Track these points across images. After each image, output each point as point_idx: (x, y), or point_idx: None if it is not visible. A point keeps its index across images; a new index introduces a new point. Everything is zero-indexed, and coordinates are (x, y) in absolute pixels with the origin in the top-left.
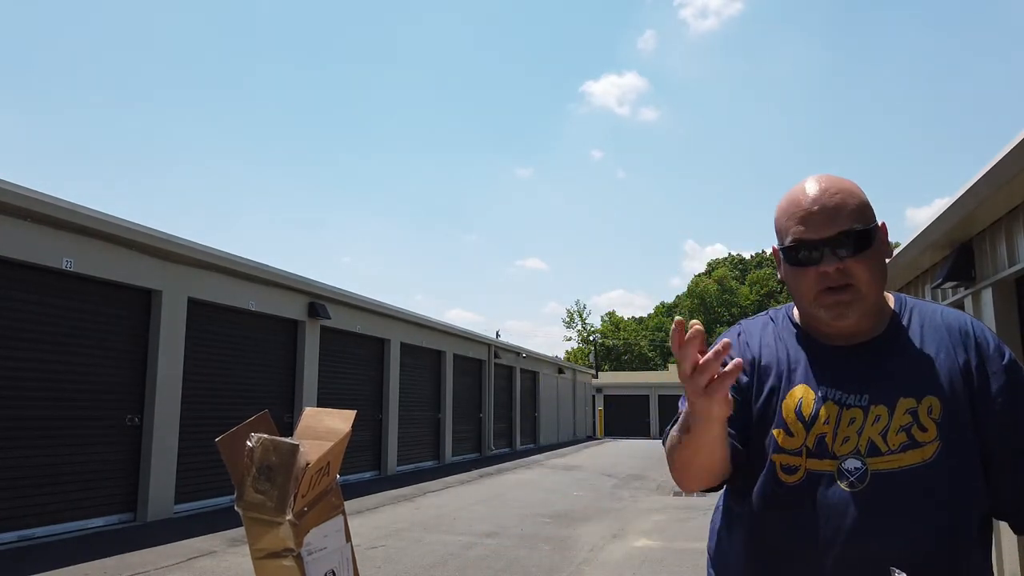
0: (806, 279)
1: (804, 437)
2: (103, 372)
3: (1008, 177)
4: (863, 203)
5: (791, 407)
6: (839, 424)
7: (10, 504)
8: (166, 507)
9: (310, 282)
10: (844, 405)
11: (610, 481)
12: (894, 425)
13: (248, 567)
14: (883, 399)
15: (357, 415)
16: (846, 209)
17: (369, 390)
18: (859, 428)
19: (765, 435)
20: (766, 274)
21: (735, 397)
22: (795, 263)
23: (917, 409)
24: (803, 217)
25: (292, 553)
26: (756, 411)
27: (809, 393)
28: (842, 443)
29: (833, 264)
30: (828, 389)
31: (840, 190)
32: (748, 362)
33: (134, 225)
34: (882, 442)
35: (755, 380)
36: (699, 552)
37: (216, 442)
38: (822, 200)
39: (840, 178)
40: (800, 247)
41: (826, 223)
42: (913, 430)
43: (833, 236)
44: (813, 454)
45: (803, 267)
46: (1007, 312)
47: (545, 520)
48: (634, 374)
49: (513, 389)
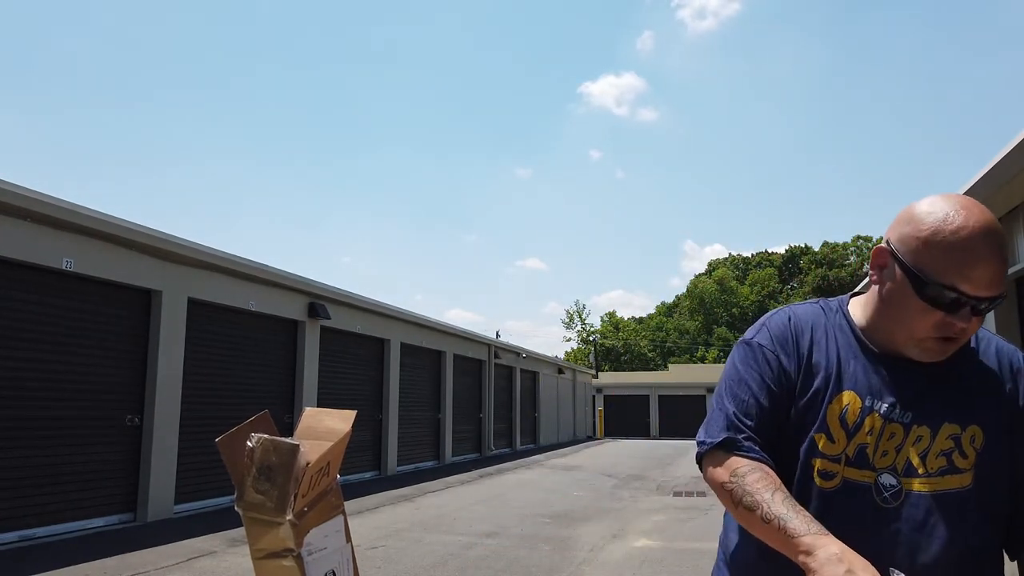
0: (925, 319)
1: (845, 445)
2: (103, 372)
3: (1008, 177)
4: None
5: (836, 412)
6: (881, 437)
7: (10, 504)
8: (166, 507)
9: (310, 282)
10: (888, 419)
11: (610, 481)
12: (935, 448)
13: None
14: (927, 421)
15: (357, 415)
16: (1004, 273)
17: (369, 390)
18: (898, 444)
19: (803, 436)
20: (766, 274)
21: (774, 390)
22: (931, 302)
23: (960, 436)
24: (969, 267)
25: (292, 553)
26: (797, 409)
27: (856, 401)
28: (881, 456)
29: (966, 322)
30: (875, 400)
31: (1003, 248)
32: (796, 354)
33: (134, 225)
34: (920, 463)
35: (800, 376)
36: (699, 552)
37: (216, 442)
38: (993, 258)
39: (997, 222)
40: (949, 292)
41: (988, 285)
42: (954, 456)
43: (986, 298)
44: (852, 463)
45: (931, 307)
46: (1007, 312)
47: (545, 520)
48: (634, 374)
49: (513, 389)
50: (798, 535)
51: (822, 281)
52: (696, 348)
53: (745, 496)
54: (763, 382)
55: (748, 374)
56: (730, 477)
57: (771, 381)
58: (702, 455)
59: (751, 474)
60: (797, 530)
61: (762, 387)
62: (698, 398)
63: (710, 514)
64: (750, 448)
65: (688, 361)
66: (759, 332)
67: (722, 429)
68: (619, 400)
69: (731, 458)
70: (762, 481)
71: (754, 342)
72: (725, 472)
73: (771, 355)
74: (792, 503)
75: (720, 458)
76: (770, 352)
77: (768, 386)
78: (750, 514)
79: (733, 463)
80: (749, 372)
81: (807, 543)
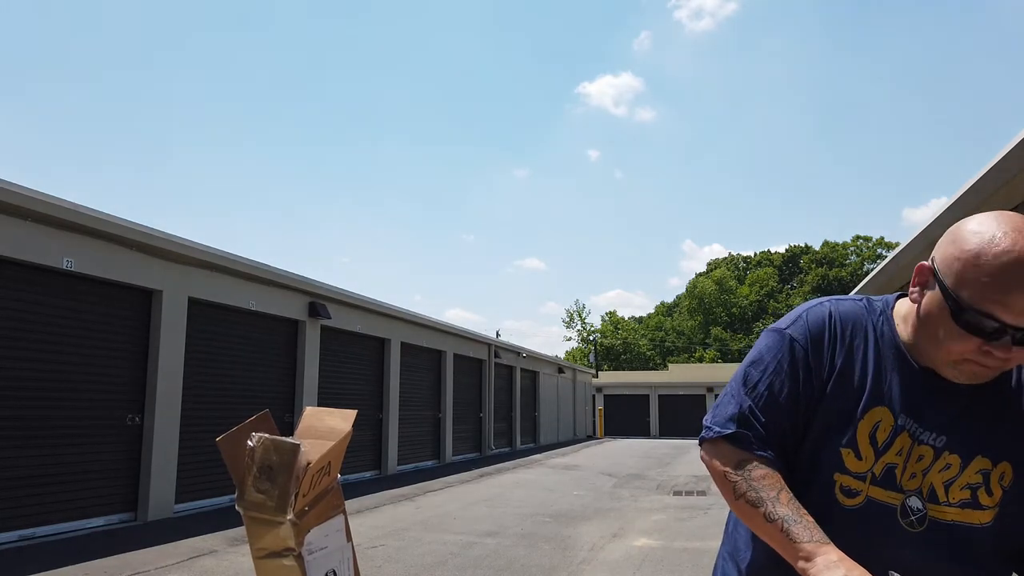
0: (963, 343)
1: (872, 463)
2: (103, 372)
3: (1010, 175)
4: None
5: (867, 429)
6: (909, 458)
7: (10, 504)
8: (166, 507)
9: (310, 282)
10: (917, 440)
11: (610, 480)
12: (961, 480)
13: (249, 566)
14: (960, 450)
15: (357, 415)
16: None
17: (369, 390)
18: (925, 468)
19: (827, 447)
20: (766, 274)
21: (797, 389)
22: (967, 328)
23: (991, 472)
24: (1008, 294)
25: (293, 553)
26: (822, 417)
27: (888, 418)
28: (910, 478)
29: (1010, 353)
30: (908, 419)
31: None
32: (831, 357)
33: (134, 225)
34: (943, 492)
35: (831, 383)
36: (699, 551)
37: (217, 442)
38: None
39: None
40: (985, 319)
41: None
42: (980, 492)
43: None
44: (879, 482)
45: (970, 335)
46: None
47: (545, 519)
48: (634, 374)
49: (513, 389)
50: (800, 541)
51: (822, 281)
52: (694, 348)
53: (749, 491)
54: (786, 379)
55: (772, 366)
56: (735, 469)
57: (796, 380)
58: (706, 440)
59: (757, 469)
60: (800, 536)
61: (784, 384)
62: (698, 397)
63: (710, 513)
64: (760, 447)
65: (687, 361)
66: (795, 323)
67: (733, 420)
68: (619, 400)
69: (738, 451)
70: (768, 479)
71: (787, 333)
72: (730, 463)
73: (802, 352)
74: (797, 506)
75: (726, 449)
76: (801, 348)
77: (791, 385)
78: (752, 510)
79: (739, 456)
80: (774, 364)
81: (808, 550)
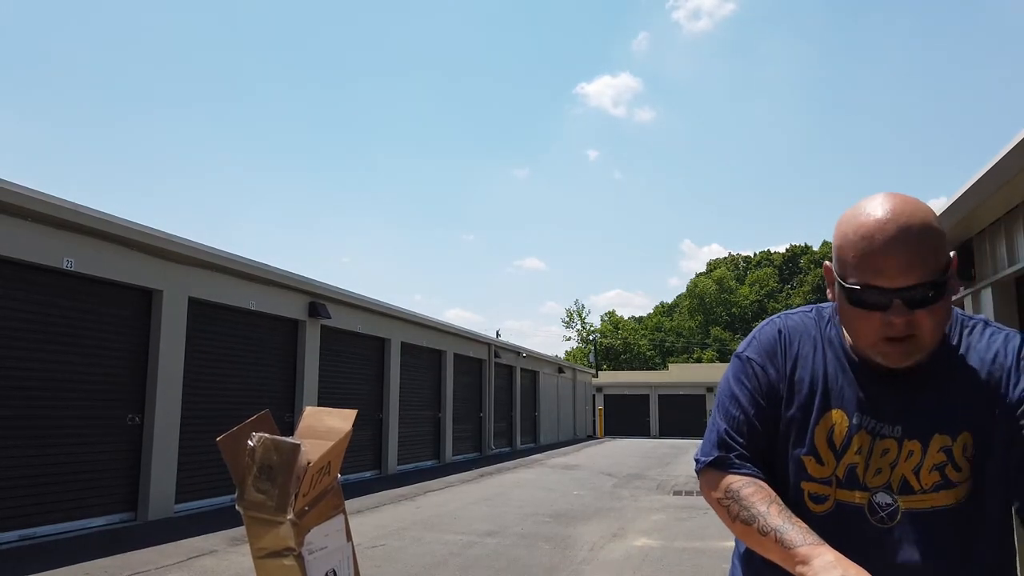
0: (867, 324)
1: (834, 467)
2: (104, 371)
3: (1009, 176)
4: (940, 245)
5: (823, 434)
6: (871, 455)
7: (10, 503)
8: (166, 506)
9: (310, 282)
10: (877, 435)
11: (610, 480)
12: (927, 463)
13: (249, 566)
14: (917, 434)
15: (357, 414)
16: (923, 256)
17: (369, 390)
18: (892, 462)
19: (790, 457)
20: (766, 274)
21: (762, 404)
22: (858, 305)
23: (952, 448)
24: (874, 259)
25: (293, 552)
26: (785, 426)
27: (843, 419)
28: (874, 474)
29: (903, 316)
30: (863, 416)
31: (918, 231)
32: (784, 368)
33: (134, 225)
34: (915, 480)
35: (786, 392)
36: (699, 551)
37: (217, 442)
38: (898, 244)
39: (915, 206)
40: (866, 291)
41: (900, 272)
42: (947, 469)
43: (906, 288)
44: (843, 484)
45: (866, 311)
46: (1007, 312)
47: (545, 519)
48: (634, 374)
49: (513, 389)
50: (795, 546)
51: (822, 281)
52: (693, 349)
53: (741, 511)
54: (752, 397)
55: (739, 389)
56: (724, 493)
57: (760, 396)
58: (699, 472)
59: (745, 488)
60: (794, 541)
61: (751, 402)
62: (698, 397)
63: (710, 513)
64: (742, 464)
65: (687, 361)
66: (749, 345)
67: (714, 447)
68: (619, 399)
69: (724, 475)
70: (757, 495)
71: (743, 356)
72: (720, 489)
73: (759, 369)
74: (788, 515)
75: (714, 476)
76: (758, 366)
77: (757, 401)
78: (747, 528)
79: (727, 480)
80: (740, 387)
81: (803, 553)
